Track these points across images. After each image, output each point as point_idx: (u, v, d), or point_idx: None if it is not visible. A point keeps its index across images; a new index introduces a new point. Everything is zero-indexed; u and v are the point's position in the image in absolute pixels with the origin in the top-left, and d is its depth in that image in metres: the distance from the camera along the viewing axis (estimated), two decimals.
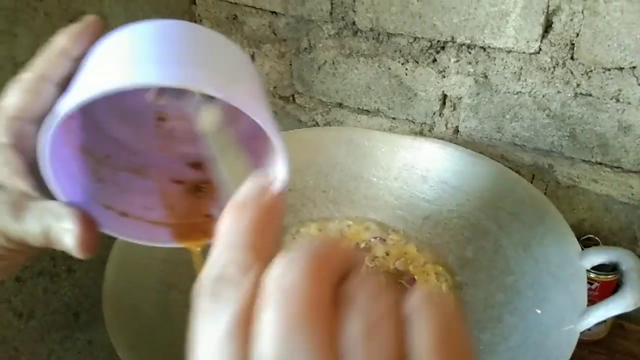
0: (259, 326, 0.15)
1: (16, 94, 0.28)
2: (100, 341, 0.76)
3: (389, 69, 0.73)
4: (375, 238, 0.64)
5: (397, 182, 0.67)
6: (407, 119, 0.76)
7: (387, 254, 0.62)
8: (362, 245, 0.64)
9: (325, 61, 0.78)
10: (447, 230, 0.62)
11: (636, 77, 0.59)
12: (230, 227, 0.18)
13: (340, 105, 0.81)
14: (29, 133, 0.28)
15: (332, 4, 0.72)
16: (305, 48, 0.79)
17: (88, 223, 0.28)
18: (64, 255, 0.70)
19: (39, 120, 0.28)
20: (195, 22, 0.87)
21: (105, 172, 0.33)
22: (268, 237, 0.18)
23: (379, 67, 0.74)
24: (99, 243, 0.28)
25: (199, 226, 0.33)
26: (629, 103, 0.61)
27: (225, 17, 0.83)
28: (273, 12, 0.78)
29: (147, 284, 0.50)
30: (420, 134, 0.76)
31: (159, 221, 0.33)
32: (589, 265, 0.46)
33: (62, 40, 0.29)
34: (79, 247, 0.27)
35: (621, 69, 0.59)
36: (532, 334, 0.45)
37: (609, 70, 0.60)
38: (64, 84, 0.28)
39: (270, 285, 0.16)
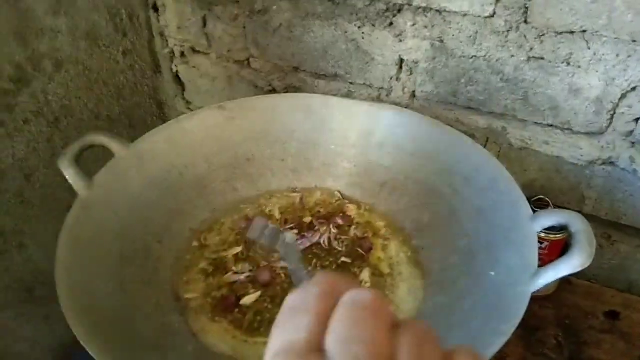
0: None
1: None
2: (59, 315, 0.74)
3: (346, 32, 0.72)
4: (336, 205, 0.64)
5: (354, 149, 0.67)
6: (364, 83, 0.76)
7: (347, 221, 0.62)
8: (323, 212, 0.64)
9: (281, 24, 0.76)
10: (403, 196, 0.63)
11: (586, 41, 0.60)
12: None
13: (297, 69, 0.80)
14: None
15: None
16: (259, 10, 0.76)
17: None
18: (15, 231, 0.68)
19: None
20: None
21: None
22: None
23: (335, 30, 0.72)
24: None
25: None
26: (579, 67, 0.62)
27: None
28: None
29: (101, 260, 0.49)
30: (378, 98, 0.76)
31: None
32: (539, 229, 0.47)
33: None
34: None
35: (572, 32, 0.60)
36: (486, 296, 0.47)
37: (561, 34, 0.61)
38: None
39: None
